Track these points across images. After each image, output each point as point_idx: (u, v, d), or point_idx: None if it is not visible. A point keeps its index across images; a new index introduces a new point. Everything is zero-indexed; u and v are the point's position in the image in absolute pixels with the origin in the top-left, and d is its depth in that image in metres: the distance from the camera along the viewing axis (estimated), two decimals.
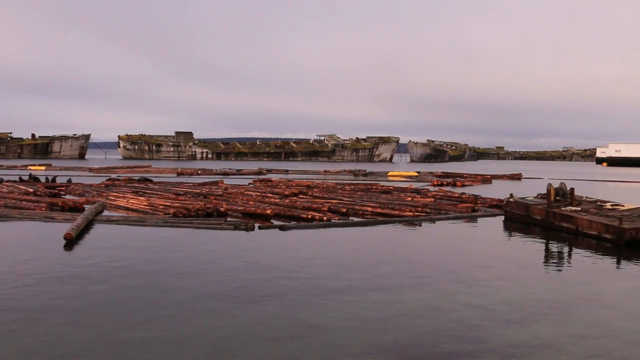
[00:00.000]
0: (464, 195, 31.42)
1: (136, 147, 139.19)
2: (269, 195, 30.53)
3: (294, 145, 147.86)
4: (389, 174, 63.55)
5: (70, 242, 16.74)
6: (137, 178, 44.65)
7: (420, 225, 22.03)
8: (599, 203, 23.52)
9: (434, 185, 46.09)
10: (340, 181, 46.43)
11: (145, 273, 13.08)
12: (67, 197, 30.14)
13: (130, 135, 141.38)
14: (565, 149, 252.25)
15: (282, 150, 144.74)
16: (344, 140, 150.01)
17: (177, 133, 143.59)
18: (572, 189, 23.23)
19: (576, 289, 12.52)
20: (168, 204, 25.38)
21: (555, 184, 23.43)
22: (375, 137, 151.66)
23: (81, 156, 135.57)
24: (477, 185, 48.66)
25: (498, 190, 38.96)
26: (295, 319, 9.82)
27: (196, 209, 23.45)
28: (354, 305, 10.70)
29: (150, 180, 42.13)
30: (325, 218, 22.29)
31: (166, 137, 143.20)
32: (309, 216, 22.69)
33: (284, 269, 13.71)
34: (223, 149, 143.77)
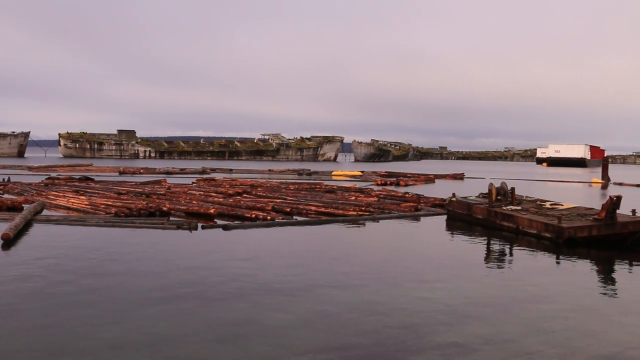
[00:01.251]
0: (407, 195, 31.65)
1: (77, 145, 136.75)
2: (213, 194, 30.32)
3: (238, 145, 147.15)
4: (333, 173, 63.73)
5: (8, 243, 16.34)
6: (78, 177, 43.83)
7: (364, 225, 22.11)
8: (538, 202, 23.93)
9: (377, 184, 46.31)
10: (284, 180, 46.32)
11: (85, 273, 12.83)
12: (5, 196, 29.40)
13: (71, 133, 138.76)
14: (507, 149, 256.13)
15: (226, 149, 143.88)
16: (289, 139, 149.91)
17: (120, 131, 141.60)
18: (512, 189, 23.59)
19: (517, 287, 12.69)
20: (110, 203, 25.02)
21: (497, 184, 23.75)
22: (320, 137, 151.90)
23: (20, 154, 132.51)
24: (420, 185, 49.06)
25: (441, 190, 39.33)
26: (239, 319, 9.73)
27: (138, 208, 23.12)
28: (298, 305, 10.67)
29: (92, 179, 41.42)
30: (269, 217, 22.20)
31: (108, 135, 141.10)
32: (253, 215, 22.59)
33: (227, 269, 13.61)
34: (166, 148, 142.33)
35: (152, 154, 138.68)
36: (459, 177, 62.99)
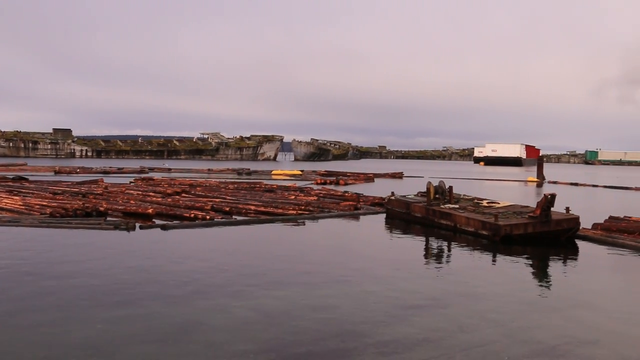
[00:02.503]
0: (346, 194, 31.78)
1: (11, 144, 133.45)
2: (151, 194, 29.96)
3: (177, 144, 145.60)
4: (272, 172, 63.57)
5: None
6: (11, 177, 42.76)
7: (304, 224, 22.11)
8: (476, 201, 24.26)
9: (317, 183, 46.38)
10: (223, 180, 46.02)
11: (18, 275, 12.53)
12: None
13: (4, 132, 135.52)
14: (445, 149, 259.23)
15: (165, 148, 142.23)
16: (228, 138, 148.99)
17: (55, 130, 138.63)
18: (450, 187, 23.88)
19: (454, 284, 12.84)
20: (45, 203, 24.50)
21: (435, 183, 24.01)
22: (260, 136, 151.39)
23: None
24: (360, 184, 49.27)
25: (380, 189, 39.57)
26: (178, 319, 9.64)
27: (74, 208, 22.68)
28: (237, 304, 10.60)
29: (26, 179, 40.47)
30: (208, 217, 22.04)
31: (43, 134, 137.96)
32: (192, 215, 22.38)
33: (165, 270, 13.45)
34: (104, 147, 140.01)
35: (89, 153, 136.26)
36: (398, 176, 63.47)
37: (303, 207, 25.02)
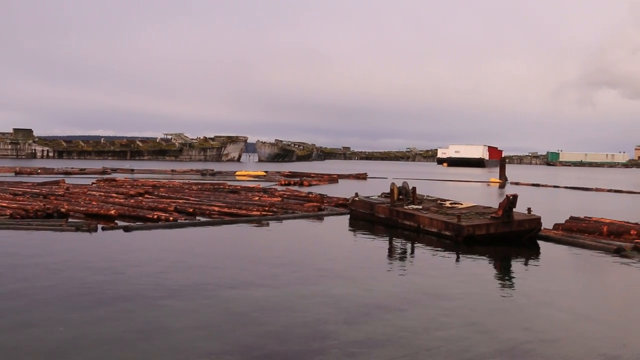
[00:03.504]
0: (310, 195, 31.77)
1: None
2: (114, 195, 29.67)
3: (140, 144, 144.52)
4: (236, 173, 63.38)
5: None
6: None
7: (268, 225, 22.06)
8: (439, 201, 24.41)
9: (281, 184, 46.35)
10: (187, 181, 45.75)
11: None
12: None
13: None
14: (409, 150, 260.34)
15: (128, 149, 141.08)
16: (192, 139, 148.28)
17: (16, 130, 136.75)
18: (414, 188, 23.98)
19: (418, 284, 12.90)
20: (4, 204, 24.10)
21: (399, 184, 24.10)
22: (224, 137, 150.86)
23: None
24: (324, 185, 49.35)
25: (344, 190, 39.65)
26: (140, 321, 9.55)
27: (35, 209, 22.35)
28: (201, 306, 10.54)
29: None
30: (171, 218, 21.89)
31: (3, 134, 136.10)
32: (155, 216, 22.21)
33: (128, 271, 13.33)
34: (65, 147, 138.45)
35: (50, 154, 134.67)
36: (362, 177, 63.67)
37: (267, 208, 24.98)
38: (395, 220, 21.87)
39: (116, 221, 21.50)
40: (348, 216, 25.11)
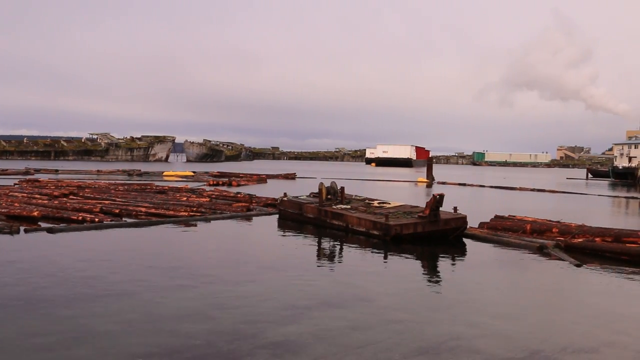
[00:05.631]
0: (239, 195, 31.63)
1: None
2: (37, 196, 28.93)
3: (65, 144, 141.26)
4: (164, 173, 62.61)
5: None
6: None
7: (196, 225, 21.85)
8: (367, 201, 24.59)
9: (209, 185, 46.01)
10: (113, 181, 45.01)
11: None
12: None
13: None
14: (337, 150, 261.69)
15: (52, 149, 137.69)
16: (118, 139, 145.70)
17: None
18: (342, 188, 24.10)
19: (347, 284, 12.96)
20: None
21: (327, 183, 24.17)
22: (151, 137, 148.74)
23: None
24: (253, 185, 49.18)
25: (273, 190, 39.58)
26: (65, 325, 9.33)
27: None
28: (127, 308, 10.36)
29: None
30: (97, 219, 21.48)
31: None
32: (80, 218, 21.75)
33: (51, 273, 13.00)
34: None
35: None
36: (291, 177, 63.72)
37: (195, 209, 24.76)
38: (324, 220, 21.92)
39: (40, 223, 20.98)
40: (277, 216, 25.08)
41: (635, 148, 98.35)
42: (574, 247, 17.58)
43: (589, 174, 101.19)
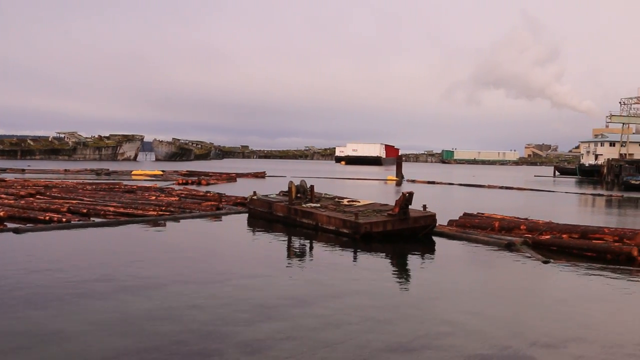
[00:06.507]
0: (208, 194, 31.53)
1: None
2: (3, 196, 28.59)
3: (32, 143, 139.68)
4: (133, 173, 62.17)
5: None
6: None
7: (165, 225, 21.72)
8: (336, 199, 24.62)
9: (179, 184, 45.82)
10: (81, 181, 44.60)
11: None
12: None
13: None
14: (307, 148, 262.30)
15: (18, 148, 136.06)
16: (86, 138, 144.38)
17: None
18: (312, 187, 24.10)
19: (317, 282, 12.96)
20: None
21: (297, 182, 24.16)
22: (119, 135, 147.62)
23: None
24: (222, 184, 49.03)
25: (242, 189, 39.48)
26: (33, 326, 9.23)
27: None
28: (96, 309, 10.27)
29: None
30: (64, 219, 21.27)
31: None
32: (47, 218, 21.53)
33: (18, 274, 12.84)
34: None
35: None
36: (261, 175, 63.63)
37: (164, 208, 24.63)
38: (294, 218, 21.91)
39: (5, 223, 20.71)
40: (246, 215, 25.02)
41: (601, 146, 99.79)
42: (542, 244, 17.77)
43: (556, 171, 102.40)
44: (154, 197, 29.56)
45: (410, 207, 19.53)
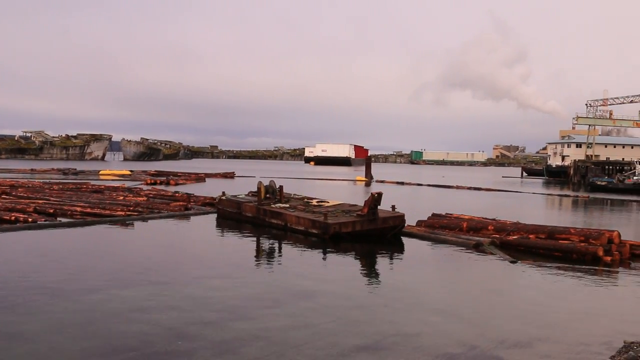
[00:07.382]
0: (177, 194, 31.37)
1: None
2: None
3: None
4: (100, 172, 61.63)
5: None
6: None
7: (133, 225, 21.56)
8: (306, 200, 24.61)
9: (147, 184, 45.54)
10: (48, 180, 44.15)
11: None
12: None
13: None
14: (277, 149, 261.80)
15: None
16: (53, 137, 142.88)
17: None
18: (281, 187, 24.08)
19: (286, 282, 12.95)
20: None
21: (266, 182, 24.13)
22: (87, 135, 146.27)
23: None
24: (191, 184, 48.81)
25: (211, 189, 39.34)
26: None
27: None
28: (61, 309, 10.16)
29: None
30: (30, 219, 21.02)
31: None
32: (13, 218, 21.26)
33: None
34: None
35: None
36: (230, 175, 63.44)
37: (132, 208, 24.46)
38: (263, 219, 21.87)
39: None
40: (215, 215, 24.92)
41: (568, 147, 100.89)
42: (509, 244, 17.93)
43: (524, 172, 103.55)
44: (121, 197, 29.35)
45: (379, 207, 19.58)
